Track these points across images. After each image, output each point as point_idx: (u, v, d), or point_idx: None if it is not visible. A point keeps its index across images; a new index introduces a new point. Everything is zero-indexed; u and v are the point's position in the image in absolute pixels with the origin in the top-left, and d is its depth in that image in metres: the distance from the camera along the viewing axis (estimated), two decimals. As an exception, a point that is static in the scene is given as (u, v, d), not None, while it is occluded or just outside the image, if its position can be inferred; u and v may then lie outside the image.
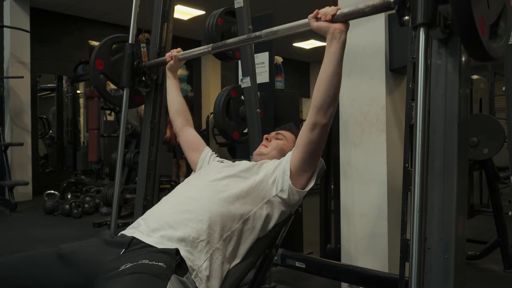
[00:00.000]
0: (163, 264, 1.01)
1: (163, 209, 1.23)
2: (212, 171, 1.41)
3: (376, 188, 2.07)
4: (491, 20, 0.94)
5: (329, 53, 1.17)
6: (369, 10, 1.09)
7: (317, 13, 1.19)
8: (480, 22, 0.85)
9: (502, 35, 0.98)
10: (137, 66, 2.04)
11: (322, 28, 1.18)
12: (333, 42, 1.16)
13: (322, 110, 1.18)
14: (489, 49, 0.90)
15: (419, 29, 0.91)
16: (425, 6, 0.90)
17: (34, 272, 1.11)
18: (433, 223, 1.00)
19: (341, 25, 1.16)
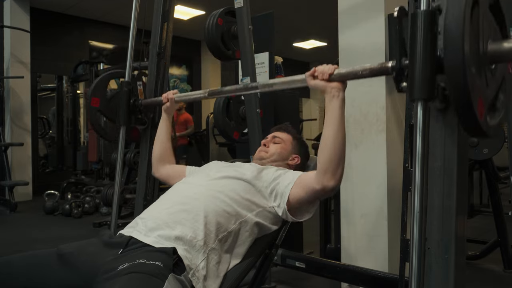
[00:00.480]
0: (161, 263, 1.01)
1: (160, 208, 1.23)
2: (212, 170, 1.41)
3: (376, 188, 2.07)
4: (490, 97, 0.92)
5: (329, 111, 1.16)
6: (366, 73, 1.08)
7: (314, 71, 1.17)
8: (479, 105, 0.83)
9: (500, 108, 0.95)
10: (133, 104, 2.02)
11: (320, 87, 1.16)
12: (332, 101, 1.15)
13: (329, 172, 1.15)
14: (487, 129, 0.87)
15: (417, 102, 0.90)
16: (423, 80, 0.88)
17: (33, 272, 1.11)
18: (433, 223, 1.00)
19: (339, 84, 1.15)
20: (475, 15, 0.84)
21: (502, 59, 0.91)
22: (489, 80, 0.89)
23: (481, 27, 0.86)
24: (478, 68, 0.85)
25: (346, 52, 2.20)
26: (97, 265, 1.06)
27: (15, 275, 1.11)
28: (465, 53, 0.79)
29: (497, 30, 0.95)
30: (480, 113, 0.84)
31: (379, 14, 2.05)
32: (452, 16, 0.81)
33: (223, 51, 2.32)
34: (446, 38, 0.82)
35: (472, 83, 0.81)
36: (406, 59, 0.95)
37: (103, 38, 7.09)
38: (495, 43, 0.89)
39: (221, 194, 1.24)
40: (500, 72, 0.95)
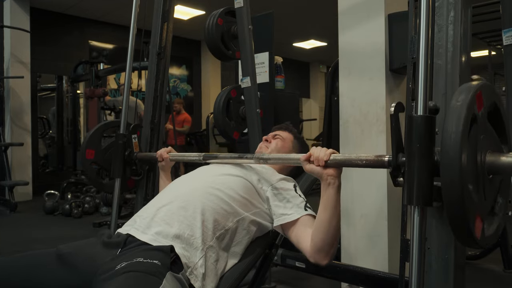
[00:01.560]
0: (158, 261, 1.01)
1: (158, 206, 1.23)
2: (211, 168, 1.41)
3: (376, 188, 2.07)
4: (488, 208, 0.90)
5: (325, 197, 1.14)
6: (362, 164, 1.07)
7: (310, 156, 1.15)
8: (476, 222, 0.83)
9: (499, 212, 0.94)
10: (128, 156, 2.00)
11: (315, 173, 1.15)
12: (328, 189, 1.13)
13: (323, 251, 1.15)
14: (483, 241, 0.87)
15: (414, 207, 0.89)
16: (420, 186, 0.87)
17: (32, 272, 1.11)
18: (433, 223, 1.00)
19: (334, 170, 1.13)
20: (473, 132, 0.83)
21: (500, 172, 0.90)
22: (487, 191, 0.88)
23: (479, 140, 0.85)
24: (476, 183, 0.84)
25: (346, 52, 2.20)
26: (96, 265, 1.06)
27: (14, 275, 1.11)
28: (462, 173, 0.78)
29: (496, 138, 0.94)
30: (477, 230, 0.83)
31: (379, 14, 2.05)
32: (450, 137, 0.79)
33: (223, 51, 2.32)
34: (443, 157, 0.80)
35: (470, 203, 0.80)
36: (402, 155, 0.94)
37: (103, 38, 7.09)
38: (493, 155, 0.87)
39: (219, 192, 1.24)
40: (498, 177, 0.94)
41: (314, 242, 1.15)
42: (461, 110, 0.80)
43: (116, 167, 1.98)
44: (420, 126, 0.88)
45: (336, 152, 1.14)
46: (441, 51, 1.05)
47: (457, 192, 0.78)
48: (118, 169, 1.98)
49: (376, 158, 1.03)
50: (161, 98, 2.22)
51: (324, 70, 10.74)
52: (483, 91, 0.86)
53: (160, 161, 1.69)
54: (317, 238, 1.15)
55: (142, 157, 2.00)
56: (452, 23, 1.04)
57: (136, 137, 2.04)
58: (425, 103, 0.90)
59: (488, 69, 4.75)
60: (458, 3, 1.04)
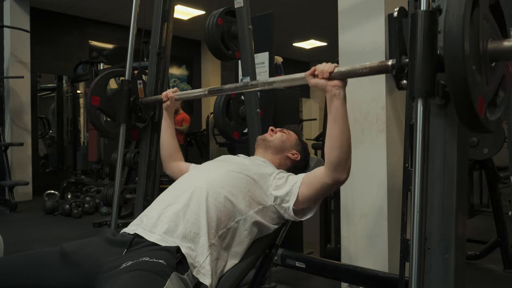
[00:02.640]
0: (164, 261, 1.02)
1: (164, 205, 1.23)
2: (214, 166, 1.42)
3: (376, 188, 2.07)
4: (490, 95, 0.93)
5: (332, 111, 1.16)
6: (366, 71, 1.08)
7: (314, 71, 1.17)
8: (479, 104, 0.84)
9: (500, 105, 0.96)
10: (133, 102, 2.02)
11: (320, 86, 1.16)
12: (333, 100, 1.15)
13: (340, 167, 1.18)
14: (487, 124, 0.88)
15: (417, 99, 0.91)
16: (423, 77, 0.89)
17: (35, 271, 1.11)
18: (433, 223, 1.00)
19: (339, 82, 1.14)
20: (475, 15, 0.85)
21: (502, 57, 0.92)
22: (489, 78, 0.90)
23: (481, 26, 0.87)
24: (478, 66, 0.85)
25: (346, 52, 2.20)
26: (100, 263, 1.06)
27: (18, 273, 1.11)
28: (465, 51, 0.80)
29: (497, 29, 0.96)
30: (480, 110, 0.85)
31: (379, 14, 2.05)
32: (453, 16, 0.81)
33: (223, 51, 2.32)
34: (447, 37, 0.82)
35: (473, 81, 0.82)
36: (406, 57, 0.96)
37: (103, 38, 7.09)
38: (495, 42, 0.89)
39: (223, 190, 1.24)
40: (500, 70, 0.96)
41: (329, 162, 1.18)
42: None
43: (122, 113, 2.00)
44: (423, 20, 0.89)
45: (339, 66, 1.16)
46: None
47: (461, 67, 0.80)
48: (123, 115, 2.00)
49: (380, 63, 1.05)
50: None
51: (324, 70, 10.72)
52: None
53: (165, 101, 1.69)
54: (332, 156, 1.17)
55: (147, 102, 2.03)
56: None
57: (141, 83, 2.05)
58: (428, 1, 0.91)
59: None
60: (458, 2, 1.04)
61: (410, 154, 1.70)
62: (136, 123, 2.09)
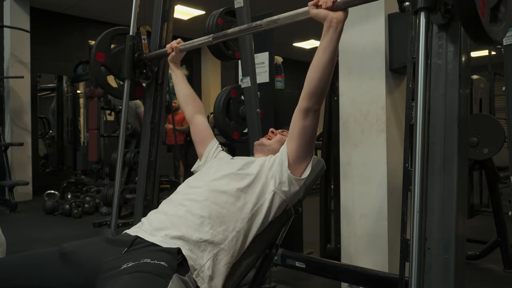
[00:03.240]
0: (165, 263, 1.02)
1: (167, 209, 1.24)
2: (212, 170, 1.41)
3: (376, 188, 2.07)
4: (492, 3, 0.93)
5: (324, 41, 1.17)
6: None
7: (318, 1, 1.18)
8: (481, 4, 0.84)
9: (502, 20, 0.98)
10: (138, 58, 2.04)
11: (321, 16, 1.17)
12: (329, 31, 1.16)
13: (315, 96, 1.21)
14: (490, 31, 0.89)
15: (419, 14, 0.91)
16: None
17: (35, 271, 1.11)
18: (433, 223, 1.00)
19: (340, 14, 1.15)
20: None
21: None
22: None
23: None
24: None
25: (346, 52, 2.20)
26: (100, 263, 1.06)
27: (18, 274, 1.11)
28: None
29: None
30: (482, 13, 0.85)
31: (379, 14, 2.04)
32: None
33: (223, 51, 2.31)
34: None
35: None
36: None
37: (103, 38, 7.08)
38: None
39: (222, 194, 1.24)
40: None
41: (307, 90, 1.21)
42: None
43: (126, 68, 2.01)
44: None
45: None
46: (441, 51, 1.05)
47: None
48: (127, 71, 2.01)
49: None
50: (161, 98, 2.22)
51: (324, 70, 10.73)
52: None
53: (170, 52, 1.70)
54: (310, 85, 1.20)
55: (151, 56, 2.04)
56: (452, 22, 1.04)
57: (145, 38, 2.06)
58: None
59: (488, 69, 4.75)
60: (458, 2, 1.04)
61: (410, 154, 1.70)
62: (140, 80, 2.09)
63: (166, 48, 1.71)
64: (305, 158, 1.32)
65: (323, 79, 1.19)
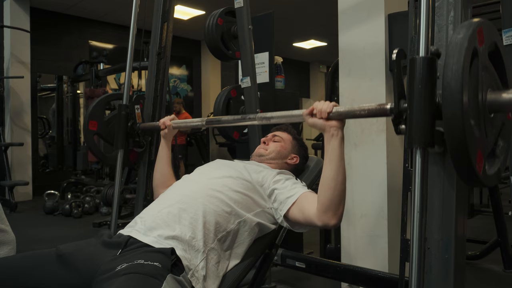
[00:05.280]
0: (159, 263, 1.02)
1: (159, 208, 1.23)
2: (213, 169, 1.41)
3: (376, 188, 2.07)
4: (489, 147, 0.90)
5: (329, 150, 1.14)
6: (364, 113, 1.06)
7: (312, 110, 1.16)
8: (478, 160, 0.82)
9: (500, 155, 0.94)
10: (131, 127, 2.00)
11: (318, 126, 1.15)
12: (331, 141, 1.14)
13: (331, 210, 1.13)
14: (485, 179, 0.87)
15: (415, 149, 0.89)
16: (421, 127, 0.87)
17: (33, 272, 1.11)
18: (433, 223, 1.00)
19: (337, 122, 1.13)
20: (474, 67, 0.83)
21: (501, 110, 0.89)
22: (488, 129, 0.88)
23: (480, 77, 0.85)
24: (477, 119, 0.83)
25: (346, 52, 2.20)
26: (96, 265, 1.06)
27: (14, 275, 1.11)
28: (464, 106, 0.78)
29: (496, 78, 0.93)
30: (479, 167, 0.83)
31: (379, 14, 2.05)
32: (451, 70, 0.79)
33: (223, 51, 2.31)
34: (445, 91, 0.80)
35: (471, 137, 0.80)
36: (404, 101, 0.94)
37: (103, 38, 7.09)
38: (494, 93, 0.87)
39: (220, 194, 1.24)
40: (500, 119, 0.93)
41: (321, 203, 1.14)
42: (462, 42, 0.80)
43: (119, 139, 1.98)
44: (421, 67, 0.88)
45: (338, 105, 1.14)
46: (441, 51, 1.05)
47: (459, 124, 0.78)
48: (121, 141, 1.98)
49: (378, 106, 1.03)
50: (161, 98, 2.22)
51: (324, 70, 10.74)
52: (484, 28, 0.86)
53: (163, 128, 1.68)
54: (324, 197, 1.14)
55: (145, 127, 2.01)
56: (452, 23, 1.04)
57: (139, 108, 2.04)
58: (427, 46, 0.90)
59: (488, 69, 4.74)
60: (458, 3, 1.03)
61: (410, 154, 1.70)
62: (133, 148, 2.05)
63: (159, 123, 1.70)
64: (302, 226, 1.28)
65: (336, 190, 1.13)
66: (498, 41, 0.94)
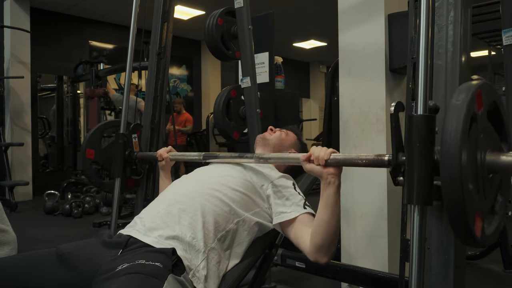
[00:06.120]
0: (160, 264, 1.02)
1: (159, 208, 1.23)
2: (211, 168, 1.41)
3: (376, 188, 2.07)
4: (488, 207, 0.90)
5: (324, 196, 1.14)
6: (362, 163, 1.06)
7: (310, 156, 1.16)
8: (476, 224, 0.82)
9: (499, 211, 0.93)
10: (128, 155, 1.99)
11: (315, 172, 1.15)
12: (328, 188, 1.13)
13: (322, 250, 1.15)
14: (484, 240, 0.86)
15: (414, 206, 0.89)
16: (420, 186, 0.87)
17: (33, 272, 1.11)
18: (433, 223, 1.01)
19: (335, 169, 1.13)
20: (473, 131, 0.83)
21: (500, 171, 0.89)
22: (487, 190, 0.88)
23: (479, 139, 0.85)
24: (476, 181, 0.83)
25: (346, 52, 2.20)
26: (96, 265, 1.06)
27: (14, 275, 1.11)
28: (462, 171, 0.78)
29: (496, 137, 0.93)
30: (477, 229, 0.82)
31: (379, 14, 2.05)
32: (450, 136, 0.79)
33: (223, 51, 2.31)
34: (443, 155, 0.80)
35: (469, 202, 0.79)
36: (403, 154, 0.94)
37: (103, 38, 7.09)
38: (493, 155, 0.87)
39: (218, 193, 1.24)
40: (499, 176, 0.93)
41: (313, 242, 1.16)
42: (461, 109, 0.80)
43: (116, 167, 1.98)
44: (420, 125, 0.88)
45: (336, 151, 1.14)
46: (441, 51, 1.05)
47: (457, 191, 0.78)
48: (118, 169, 1.98)
49: (376, 157, 1.03)
50: (161, 98, 2.22)
51: (324, 70, 10.74)
52: (483, 90, 0.86)
53: (160, 160, 1.69)
54: (316, 238, 1.15)
55: (142, 157, 2.00)
56: (452, 23, 1.04)
57: (136, 136, 2.04)
58: (425, 102, 0.90)
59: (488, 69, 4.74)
60: (458, 3, 1.04)
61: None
62: (131, 176, 2.05)
63: (157, 154, 1.70)
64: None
65: (329, 232, 1.14)
66: (498, 99, 0.93)
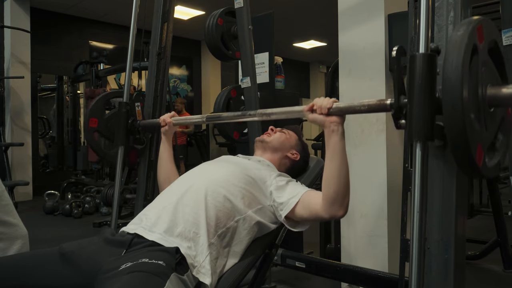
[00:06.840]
0: (163, 262, 1.02)
1: (164, 204, 1.24)
2: (215, 163, 1.42)
3: (376, 188, 2.07)
4: (489, 140, 0.91)
5: (330, 146, 1.16)
6: (364, 109, 1.08)
7: (313, 106, 1.17)
8: (478, 152, 0.83)
9: (499, 148, 0.95)
10: (131, 124, 2.01)
11: (318, 121, 1.16)
12: (332, 136, 1.15)
13: (337, 202, 1.16)
14: (485, 171, 0.88)
15: (415, 142, 0.90)
16: (422, 122, 0.89)
17: (35, 271, 1.11)
18: (433, 223, 1.01)
19: (337, 118, 1.14)
20: (474, 63, 0.84)
21: (501, 104, 0.91)
22: (488, 123, 0.89)
23: (480, 72, 0.86)
24: (477, 113, 0.84)
25: (346, 52, 2.20)
26: (99, 264, 1.06)
27: (16, 274, 1.11)
28: (464, 101, 0.79)
29: (496, 73, 0.94)
30: (478, 158, 0.84)
31: (379, 14, 2.05)
32: (451, 65, 0.80)
33: (223, 51, 2.32)
34: (445, 86, 0.81)
35: (471, 130, 0.81)
36: (404, 97, 0.95)
37: (103, 38, 7.09)
38: (494, 88, 0.88)
39: (222, 189, 1.24)
40: (499, 114, 0.94)
41: (326, 196, 1.16)
42: (462, 38, 0.81)
43: (120, 135, 1.99)
44: (421, 64, 0.89)
45: (337, 101, 1.15)
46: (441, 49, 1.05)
47: (459, 117, 0.79)
48: (121, 137, 1.99)
49: (378, 102, 1.04)
50: (161, 98, 2.22)
51: (324, 70, 10.74)
52: (483, 25, 0.87)
53: (164, 125, 1.68)
54: (329, 191, 1.16)
55: (145, 124, 2.01)
56: (452, 23, 1.04)
57: (139, 105, 2.05)
58: (426, 42, 0.91)
59: (488, 69, 4.74)
60: (458, 3, 1.04)
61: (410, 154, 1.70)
62: (134, 145, 2.06)
63: (160, 120, 1.69)
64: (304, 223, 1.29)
65: (341, 183, 1.15)
66: (498, 39, 0.95)
